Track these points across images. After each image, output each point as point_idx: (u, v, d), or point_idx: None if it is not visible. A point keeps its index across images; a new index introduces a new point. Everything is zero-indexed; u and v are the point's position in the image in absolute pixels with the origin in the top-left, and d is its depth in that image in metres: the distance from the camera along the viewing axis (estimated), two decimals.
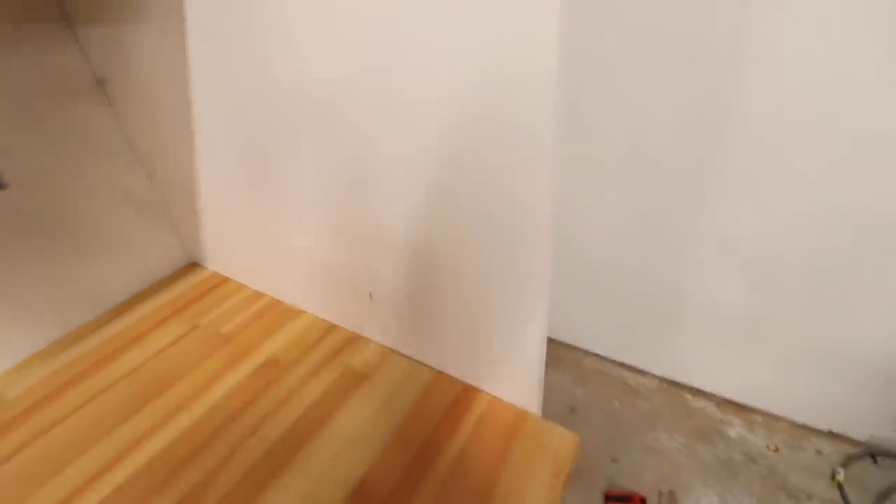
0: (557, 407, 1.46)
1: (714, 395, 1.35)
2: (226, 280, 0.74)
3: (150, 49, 0.53)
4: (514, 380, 0.48)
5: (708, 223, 1.10)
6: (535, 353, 0.44)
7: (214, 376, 0.57)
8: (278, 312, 0.66)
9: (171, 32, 0.48)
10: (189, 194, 0.68)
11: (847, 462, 1.06)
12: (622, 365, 1.55)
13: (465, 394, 0.51)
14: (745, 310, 1.14)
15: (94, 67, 0.61)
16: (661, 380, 1.46)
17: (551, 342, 1.65)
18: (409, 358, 0.56)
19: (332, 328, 0.62)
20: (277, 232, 0.60)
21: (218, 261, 0.76)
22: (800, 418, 1.17)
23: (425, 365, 0.55)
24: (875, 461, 1.06)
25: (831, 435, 1.15)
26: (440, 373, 0.54)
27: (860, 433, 1.11)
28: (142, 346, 0.63)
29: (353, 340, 0.60)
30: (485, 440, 0.46)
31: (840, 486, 1.01)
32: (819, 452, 1.12)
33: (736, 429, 1.24)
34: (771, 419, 1.24)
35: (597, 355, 1.61)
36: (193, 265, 0.79)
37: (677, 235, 1.18)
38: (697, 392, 1.38)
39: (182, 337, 0.64)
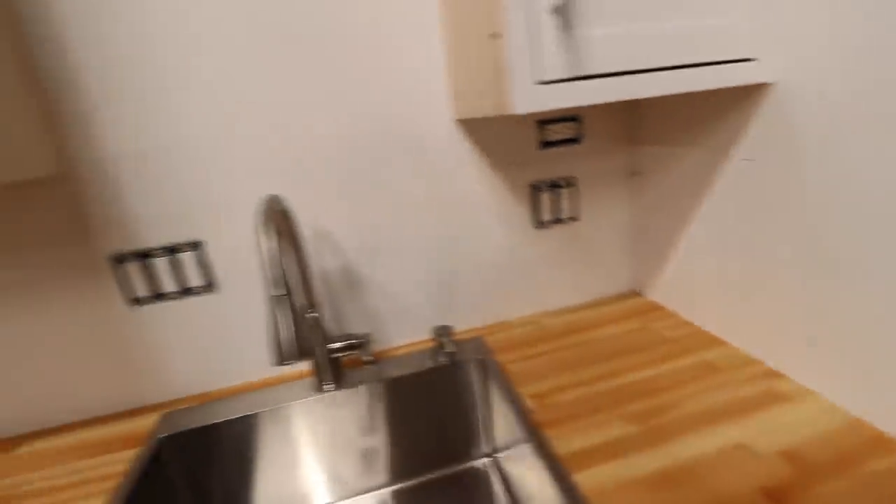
0: None
1: None
2: (660, 307, 1.08)
3: (687, 162, 0.91)
4: None
5: None
6: None
7: (660, 359, 0.88)
8: (706, 337, 0.93)
9: (710, 156, 0.84)
10: (648, 246, 1.05)
11: None
12: None
13: (879, 439, 0.62)
14: None
15: (633, 165, 1.08)
16: None
17: None
18: (806, 388, 0.72)
19: (752, 360, 0.83)
20: (716, 284, 0.87)
21: (653, 292, 1.11)
22: None
23: (827, 400, 0.69)
24: None
25: None
26: (848, 414, 0.67)
27: None
28: (601, 330, 1.02)
29: (773, 373, 0.79)
30: None
31: None
32: None
33: None
34: None
35: None
36: (634, 292, 1.18)
37: None
38: None
39: (633, 331, 0.99)
